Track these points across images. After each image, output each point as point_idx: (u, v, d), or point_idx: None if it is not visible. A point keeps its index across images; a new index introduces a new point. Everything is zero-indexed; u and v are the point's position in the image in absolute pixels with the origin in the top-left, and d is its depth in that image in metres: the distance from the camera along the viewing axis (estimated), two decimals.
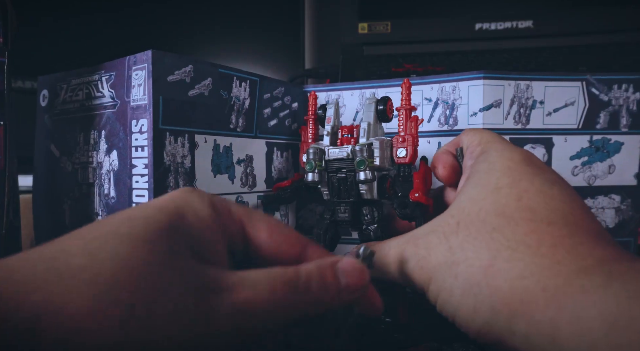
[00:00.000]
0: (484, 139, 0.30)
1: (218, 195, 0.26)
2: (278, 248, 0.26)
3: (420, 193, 0.34)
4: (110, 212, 0.36)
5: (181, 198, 0.24)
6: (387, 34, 0.82)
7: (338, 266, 0.24)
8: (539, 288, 0.21)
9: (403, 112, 0.35)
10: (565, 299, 0.20)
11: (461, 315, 0.24)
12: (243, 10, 0.88)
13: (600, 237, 0.23)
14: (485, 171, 0.28)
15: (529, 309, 0.21)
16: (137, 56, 0.34)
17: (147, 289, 0.18)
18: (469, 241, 0.25)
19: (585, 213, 0.25)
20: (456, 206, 0.27)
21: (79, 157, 0.39)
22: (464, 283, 0.24)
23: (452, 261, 0.25)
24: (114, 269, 0.18)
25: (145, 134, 0.33)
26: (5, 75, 0.33)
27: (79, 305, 0.17)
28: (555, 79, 0.41)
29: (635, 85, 0.42)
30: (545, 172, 0.27)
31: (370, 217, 0.35)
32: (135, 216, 0.22)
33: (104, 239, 0.20)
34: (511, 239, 0.23)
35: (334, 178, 0.36)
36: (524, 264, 0.22)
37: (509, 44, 0.77)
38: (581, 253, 0.22)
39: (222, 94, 0.38)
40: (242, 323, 0.20)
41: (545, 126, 0.42)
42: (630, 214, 0.43)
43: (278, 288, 0.21)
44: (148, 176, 0.33)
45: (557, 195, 0.25)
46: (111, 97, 0.36)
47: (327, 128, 0.38)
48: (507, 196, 0.25)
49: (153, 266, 0.19)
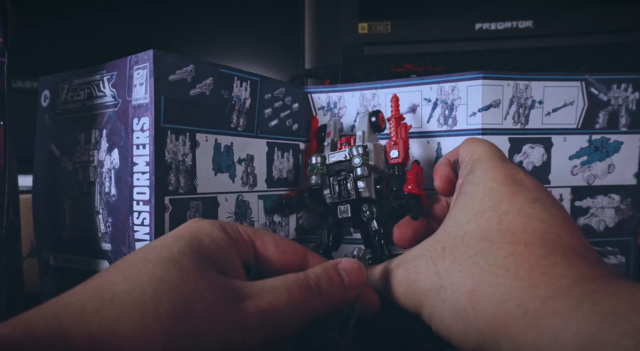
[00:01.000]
0: (475, 155, 0.31)
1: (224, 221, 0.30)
2: (284, 258, 0.30)
3: (413, 185, 0.37)
4: (110, 210, 0.36)
5: (194, 226, 0.27)
6: (387, 34, 0.83)
7: (340, 266, 0.28)
8: (521, 312, 0.22)
9: (393, 120, 0.40)
10: (543, 322, 0.20)
11: (453, 338, 0.25)
12: (243, 10, 0.88)
13: (577, 254, 0.24)
14: (470, 193, 0.29)
15: (514, 332, 0.21)
16: (138, 56, 0.34)
17: (185, 302, 0.21)
18: (454, 266, 0.26)
19: (564, 229, 0.25)
20: (443, 230, 0.29)
21: (80, 156, 0.39)
22: (452, 308, 0.25)
23: (439, 286, 0.26)
24: (154, 288, 0.21)
25: (146, 133, 0.33)
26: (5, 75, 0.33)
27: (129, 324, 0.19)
28: (554, 79, 0.41)
29: (634, 85, 0.42)
30: (528, 191, 0.27)
31: (369, 213, 0.38)
32: (158, 246, 0.24)
33: (139, 265, 0.22)
34: (492, 264, 0.24)
35: (335, 180, 0.39)
36: (505, 289, 0.23)
37: (509, 44, 0.78)
38: (556, 274, 0.22)
39: (223, 93, 0.38)
40: (268, 324, 0.23)
41: (545, 126, 0.42)
42: (630, 213, 0.43)
43: (294, 290, 0.25)
44: (149, 174, 0.33)
45: (536, 214, 0.26)
46: (113, 96, 0.36)
47: (328, 141, 0.43)
48: (489, 219, 0.26)
49: (186, 282, 0.22)
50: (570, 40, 0.75)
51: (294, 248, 0.30)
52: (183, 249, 0.24)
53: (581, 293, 0.20)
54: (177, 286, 0.21)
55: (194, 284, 0.22)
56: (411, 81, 0.44)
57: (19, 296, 0.39)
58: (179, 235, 0.26)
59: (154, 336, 0.19)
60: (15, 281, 0.37)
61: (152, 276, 0.21)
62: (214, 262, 0.25)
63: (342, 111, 0.46)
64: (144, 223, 0.33)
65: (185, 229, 0.27)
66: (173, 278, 0.22)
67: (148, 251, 0.24)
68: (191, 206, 0.35)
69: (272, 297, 0.24)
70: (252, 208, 0.41)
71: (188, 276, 0.22)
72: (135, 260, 0.23)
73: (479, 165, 0.30)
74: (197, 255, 0.24)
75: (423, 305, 0.27)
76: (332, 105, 0.47)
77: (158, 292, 0.21)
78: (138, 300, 0.20)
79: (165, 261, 0.23)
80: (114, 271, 0.22)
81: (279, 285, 0.25)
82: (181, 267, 0.23)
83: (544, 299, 0.21)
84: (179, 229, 0.27)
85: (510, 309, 0.22)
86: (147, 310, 0.20)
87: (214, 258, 0.25)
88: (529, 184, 0.28)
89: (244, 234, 0.29)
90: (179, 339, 0.20)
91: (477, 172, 0.29)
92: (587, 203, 0.43)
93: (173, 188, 0.34)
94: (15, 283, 0.37)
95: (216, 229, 0.27)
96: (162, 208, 0.33)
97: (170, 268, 0.22)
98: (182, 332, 0.20)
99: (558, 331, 0.19)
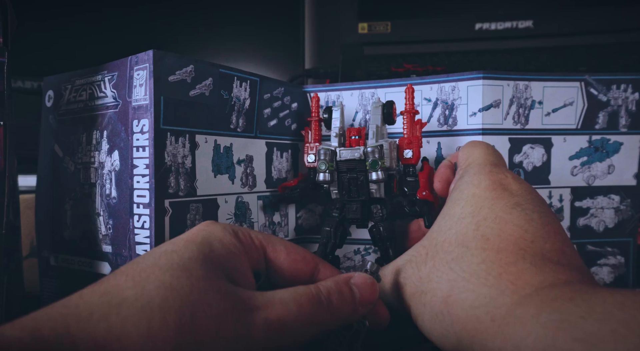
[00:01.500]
0: (469, 159, 0.32)
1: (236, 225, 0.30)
2: (295, 266, 0.30)
3: (427, 191, 0.37)
4: (111, 212, 0.36)
5: (206, 230, 0.27)
6: (387, 34, 0.83)
7: (352, 281, 0.27)
8: (489, 319, 0.22)
9: (407, 116, 0.38)
10: (508, 329, 0.21)
11: (435, 339, 0.26)
12: (243, 10, 0.88)
13: (547, 259, 0.24)
14: (455, 199, 0.29)
15: (483, 337, 0.22)
16: (138, 56, 0.34)
17: (193, 310, 0.21)
18: (434, 272, 0.26)
19: (540, 234, 0.25)
20: (428, 236, 0.30)
21: (82, 157, 0.39)
22: (431, 312, 0.26)
23: (421, 291, 0.27)
24: (162, 297, 0.21)
25: (146, 135, 0.33)
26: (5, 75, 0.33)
27: (136, 331, 0.19)
28: (553, 80, 0.41)
29: (634, 85, 0.42)
30: (510, 196, 0.27)
31: (380, 215, 0.38)
32: (169, 250, 0.24)
33: (149, 271, 0.22)
34: (466, 270, 0.25)
35: (345, 177, 0.37)
36: (475, 295, 0.23)
37: (509, 44, 0.78)
38: (522, 282, 0.23)
39: (223, 94, 0.38)
40: (276, 337, 0.23)
41: (544, 126, 0.42)
42: (630, 214, 0.43)
43: (304, 304, 0.24)
44: (149, 177, 0.33)
45: (513, 220, 0.26)
46: (113, 97, 0.36)
47: (335, 130, 0.40)
48: (468, 225, 0.27)
49: (194, 290, 0.22)
50: (570, 40, 0.75)
51: (305, 256, 0.30)
52: (194, 255, 0.24)
53: (541, 301, 0.21)
54: (186, 294, 0.21)
55: (202, 293, 0.22)
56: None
57: (19, 297, 0.39)
58: (191, 239, 0.26)
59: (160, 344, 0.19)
60: (15, 281, 0.37)
61: (160, 283, 0.21)
62: (224, 269, 0.25)
63: None
64: (144, 226, 0.33)
65: (197, 233, 0.26)
66: (182, 286, 0.21)
67: (159, 255, 0.24)
68: (191, 208, 0.35)
69: (281, 310, 0.23)
70: (252, 209, 0.42)
71: (197, 284, 0.22)
72: (145, 265, 0.23)
73: (469, 170, 0.30)
74: (207, 262, 0.24)
75: (410, 308, 0.28)
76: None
77: (166, 300, 0.21)
78: (145, 308, 0.20)
79: (175, 267, 0.23)
80: (124, 276, 0.22)
81: (288, 298, 0.24)
82: (191, 274, 0.22)
83: (509, 307, 0.22)
84: (191, 232, 0.27)
85: (479, 315, 0.23)
86: (154, 318, 0.20)
87: (225, 264, 0.25)
88: (515, 188, 0.28)
89: (255, 240, 0.29)
90: (185, 348, 0.20)
91: (465, 177, 0.30)
92: (586, 204, 0.43)
93: (173, 190, 0.34)
94: (15, 283, 0.37)
95: (228, 235, 0.27)
96: (162, 211, 0.33)
97: (179, 275, 0.22)
98: (188, 342, 0.20)
99: (520, 338, 0.20)
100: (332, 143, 0.39)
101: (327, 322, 0.25)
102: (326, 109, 0.41)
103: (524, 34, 0.77)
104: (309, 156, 0.41)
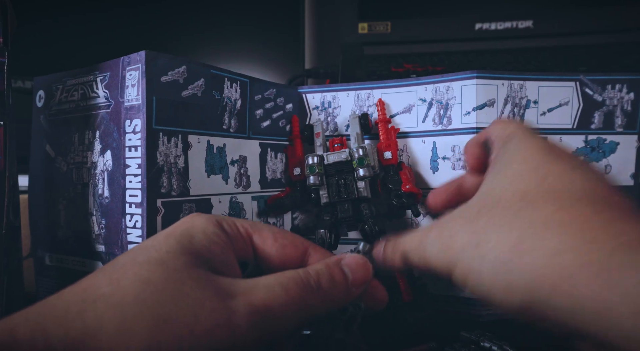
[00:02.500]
0: (507, 130, 0.29)
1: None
2: (284, 251, 0.28)
3: (410, 184, 0.40)
4: (104, 212, 0.36)
5: (187, 222, 0.27)
6: (387, 34, 0.82)
7: (343, 262, 0.26)
8: (578, 264, 0.20)
9: (382, 124, 0.43)
10: (609, 275, 0.19)
11: (496, 295, 0.23)
12: (243, 10, 0.88)
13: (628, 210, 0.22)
14: (505, 162, 0.27)
15: (570, 284, 0.20)
16: (131, 57, 0.34)
17: (169, 300, 0.21)
18: (491, 226, 0.24)
19: (613, 190, 0.24)
20: (477, 196, 0.27)
21: (74, 157, 0.39)
22: (494, 263, 0.23)
23: (477, 242, 0.24)
24: (137, 290, 0.21)
25: (138, 134, 0.33)
26: (5, 75, 0.33)
27: (111, 326, 0.19)
28: (548, 79, 0.41)
29: (629, 85, 0.42)
30: (567, 159, 0.26)
31: (369, 212, 0.39)
32: (148, 246, 0.24)
33: (125, 268, 0.22)
34: (537, 221, 0.22)
35: (333, 180, 0.40)
36: (559, 241, 0.21)
37: (509, 44, 0.77)
38: (616, 229, 0.21)
39: (215, 95, 0.38)
40: (261, 324, 0.22)
41: (540, 126, 0.42)
42: None
43: (291, 288, 0.23)
44: (141, 176, 0.33)
45: (579, 177, 0.24)
46: (106, 97, 0.36)
47: (319, 141, 0.44)
48: (528, 182, 0.25)
49: (171, 282, 0.21)
50: (570, 40, 0.74)
51: (294, 241, 0.29)
52: (172, 248, 0.23)
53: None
54: (163, 286, 0.21)
55: (179, 283, 0.21)
56: (406, 82, 0.44)
57: (19, 297, 0.39)
58: (171, 233, 0.25)
59: (136, 337, 0.19)
60: (15, 281, 0.37)
61: (136, 278, 0.21)
62: (205, 260, 0.24)
63: (337, 111, 0.46)
64: (137, 226, 0.33)
65: (178, 227, 0.26)
66: (159, 279, 0.21)
67: (137, 252, 0.24)
68: (184, 208, 0.35)
69: (265, 294, 0.23)
70: (246, 209, 0.42)
71: (174, 276, 0.22)
72: (123, 262, 0.23)
73: (513, 138, 0.28)
74: (186, 253, 0.23)
75: (457, 263, 0.25)
76: (326, 105, 0.47)
77: (141, 294, 0.20)
78: (121, 302, 0.20)
79: (152, 262, 0.22)
80: (101, 274, 0.22)
81: (274, 282, 0.24)
82: (167, 267, 0.22)
83: (608, 253, 0.19)
84: (173, 226, 0.26)
85: (564, 261, 0.20)
86: (129, 311, 0.20)
87: (207, 255, 0.24)
88: (567, 155, 0.26)
89: (241, 229, 0.28)
90: (162, 340, 0.20)
91: (512, 143, 0.28)
92: None
93: (165, 190, 0.34)
94: (15, 283, 0.37)
95: (211, 225, 0.26)
96: (154, 211, 0.33)
97: (156, 269, 0.22)
98: (165, 333, 0.20)
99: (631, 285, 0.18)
100: (318, 152, 0.43)
101: (317, 306, 0.24)
102: (305, 126, 0.46)
103: (524, 34, 0.77)
104: (295, 168, 0.44)
